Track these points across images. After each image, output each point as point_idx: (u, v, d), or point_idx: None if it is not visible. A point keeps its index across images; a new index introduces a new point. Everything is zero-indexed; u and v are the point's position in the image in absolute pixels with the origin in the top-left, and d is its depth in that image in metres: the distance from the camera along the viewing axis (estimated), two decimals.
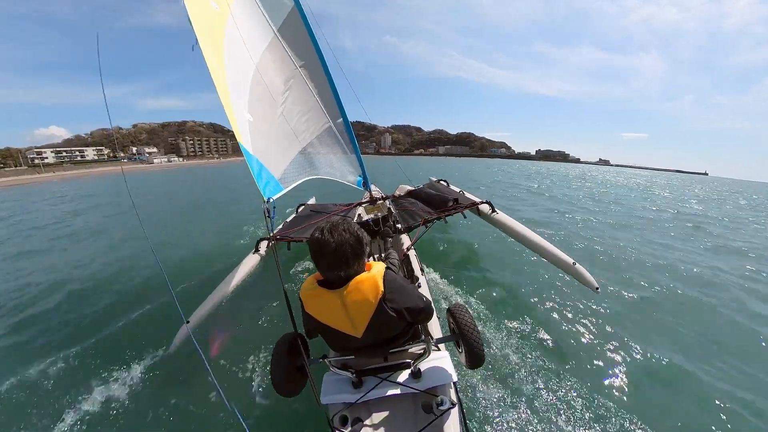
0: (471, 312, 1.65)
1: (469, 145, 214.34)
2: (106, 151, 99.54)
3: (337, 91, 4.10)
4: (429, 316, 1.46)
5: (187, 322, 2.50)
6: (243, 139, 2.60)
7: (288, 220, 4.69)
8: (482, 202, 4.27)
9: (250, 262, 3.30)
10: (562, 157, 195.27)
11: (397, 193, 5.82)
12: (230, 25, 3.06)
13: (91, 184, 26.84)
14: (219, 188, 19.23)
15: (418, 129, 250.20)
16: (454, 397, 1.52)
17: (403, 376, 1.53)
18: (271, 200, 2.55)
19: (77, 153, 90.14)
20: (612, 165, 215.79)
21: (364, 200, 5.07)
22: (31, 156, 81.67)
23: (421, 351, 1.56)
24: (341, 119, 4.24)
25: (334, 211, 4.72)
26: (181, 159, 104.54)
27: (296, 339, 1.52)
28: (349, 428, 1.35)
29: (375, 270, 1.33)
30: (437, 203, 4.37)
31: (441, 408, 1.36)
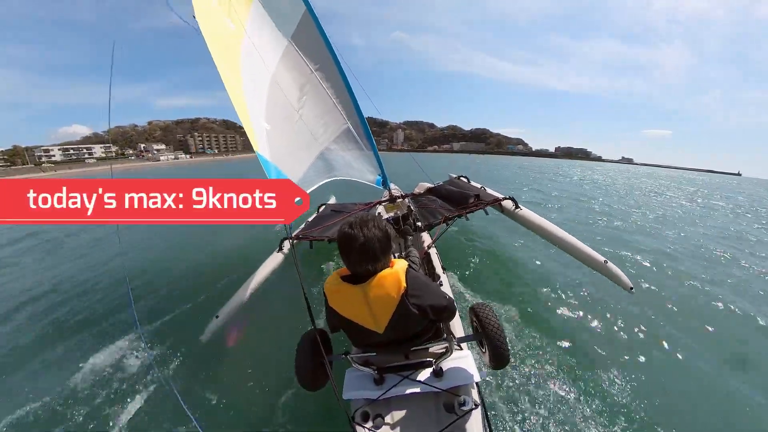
0: (494, 311, 1.61)
1: (484, 142, 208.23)
2: (114, 149, 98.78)
3: (353, 91, 4.11)
4: (452, 315, 1.51)
5: (217, 316, 2.70)
6: (260, 147, 2.59)
7: (309, 219, 4.79)
8: (505, 198, 4.12)
9: (275, 260, 3.46)
10: (583, 155, 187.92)
11: (417, 190, 5.70)
12: (246, 40, 3.12)
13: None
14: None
15: (431, 125, 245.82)
16: (476, 398, 1.52)
17: (425, 374, 1.54)
18: None
19: (85, 150, 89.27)
20: (636, 164, 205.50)
21: (383, 199, 5.14)
22: (38, 154, 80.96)
23: (443, 350, 1.56)
24: (358, 118, 4.28)
25: (354, 210, 4.82)
26: (188, 156, 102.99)
27: (316, 336, 1.55)
28: (371, 424, 1.40)
29: (398, 266, 1.37)
30: (458, 200, 4.30)
31: (463, 408, 1.37)
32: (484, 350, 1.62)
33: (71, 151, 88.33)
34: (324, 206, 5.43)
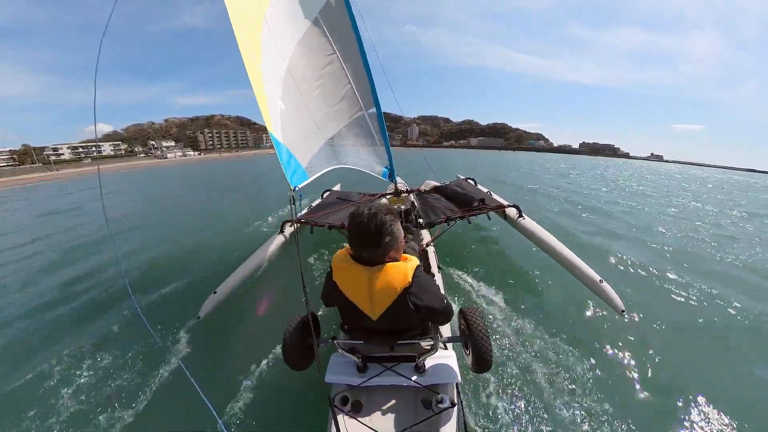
0: (483, 316, 1.67)
1: (503, 137, 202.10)
2: (123, 146, 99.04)
3: (373, 80, 4.15)
4: (446, 320, 1.58)
5: (215, 292, 2.93)
6: (273, 127, 2.62)
7: (313, 204, 5.04)
8: (509, 206, 4.23)
9: (275, 242, 3.67)
10: (611, 151, 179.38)
11: (423, 187, 5.78)
12: (270, 11, 3.01)
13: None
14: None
15: (446, 120, 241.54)
16: (455, 398, 1.55)
17: (407, 368, 1.58)
18: (297, 188, 2.60)
19: (93, 149, 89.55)
20: (667, 161, 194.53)
21: (388, 191, 5.39)
22: (47, 153, 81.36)
23: (428, 347, 1.62)
24: (374, 108, 4.28)
25: (358, 200, 5.01)
26: (197, 153, 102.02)
27: (308, 318, 1.63)
28: (349, 409, 1.46)
29: (409, 262, 1.45)
30: (462, 202, 4.38)
31: (440, 405, 1.41)
32: (468, 353, 1.66)
33: (79, 150, 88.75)
34: (329, 193, 5.56)
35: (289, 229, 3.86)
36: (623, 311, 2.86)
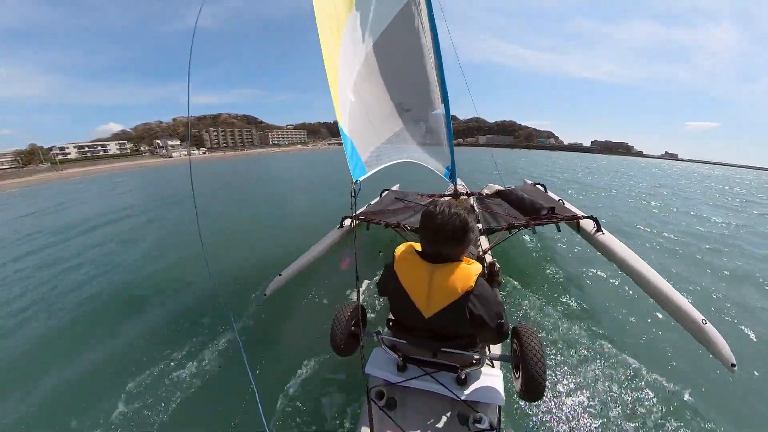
0: (539, 337, 1.53)
1: (512, 135, 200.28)
2: (128, 146, 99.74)
3: (445, 78, 4.11)
4: (496, 339, 1.45)
5: (280, 275, 3.28)
6: (342, 119, 2.59)
7: (372, 202, 5.14)
8: (585, 217, 3.78)
9: (334, 235, 3.97)
10: (624, 149, 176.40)
11: (485, 191, 5.50)
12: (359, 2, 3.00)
13: None
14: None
15: (453, 117, 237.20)
16: (495, 421, 1.44)
17: (448, 378, 1.53)
18: (358, 182, 2.54)
19: (99, 148, 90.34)
20: (682, 160, 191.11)
21: (447, 193, 5.22)
22: (54, 153, 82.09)
23: (473, 361, 1.54)
24: (442, 107, 4.31)
25: (415, 201, 4.97)
26: (201, 151, 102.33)
27: (357, 309, 1.71)
28: (383, 404, 1.46)
29: (473, 266, 1.40)
30: (528, 209, 4.11)
31: (477, 425, 1.34)
32: (517, 376, 1.55)
33: (86, 149, 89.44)
34: (387, 192, 5.62)
35: (347, 224, 4.10)
36: (734, 366, 2.14)
